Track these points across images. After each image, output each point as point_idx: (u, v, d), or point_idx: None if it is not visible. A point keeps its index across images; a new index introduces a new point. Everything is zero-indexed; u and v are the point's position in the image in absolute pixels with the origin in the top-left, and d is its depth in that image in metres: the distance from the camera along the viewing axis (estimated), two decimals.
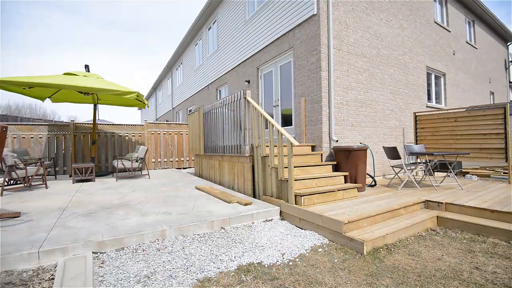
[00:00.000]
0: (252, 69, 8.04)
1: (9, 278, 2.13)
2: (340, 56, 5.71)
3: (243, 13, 8.56)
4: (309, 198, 3.69)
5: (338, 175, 4.53)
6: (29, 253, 2.32)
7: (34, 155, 7.61)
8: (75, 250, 2.48)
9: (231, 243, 2.85)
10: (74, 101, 8.03)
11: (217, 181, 6.16)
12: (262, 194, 4.42)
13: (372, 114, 6.37)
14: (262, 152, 4.40)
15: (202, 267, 2.34)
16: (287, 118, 6.62)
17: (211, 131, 6.31)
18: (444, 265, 2.45)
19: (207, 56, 11.74)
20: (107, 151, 8.73)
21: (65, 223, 3.12)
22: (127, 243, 2.71)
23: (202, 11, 11.10)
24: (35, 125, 7.86)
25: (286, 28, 6.40)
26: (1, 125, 2.82)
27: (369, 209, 3.44)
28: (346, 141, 5.75)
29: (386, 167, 6.57)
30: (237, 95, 4.96)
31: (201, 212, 3.56)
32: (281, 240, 2.96)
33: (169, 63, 17.73)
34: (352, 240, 2.80)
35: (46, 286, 2.03)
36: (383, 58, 6.66)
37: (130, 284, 2.06)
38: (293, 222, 3.56)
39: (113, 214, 3.52)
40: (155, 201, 4.28)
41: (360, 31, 6.13)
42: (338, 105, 5.64)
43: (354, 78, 5.99)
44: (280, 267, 2.38)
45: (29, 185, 5.45)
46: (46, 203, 4.18)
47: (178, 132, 9.89)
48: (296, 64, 6.11)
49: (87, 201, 4.29)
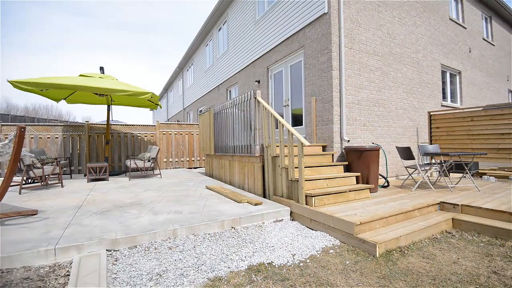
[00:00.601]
0: (262, 69, 8.04)
1: (27, 273, 2.20)
2: (352, 55, 5.64)
3: (253, 13, 8.57)
4: (320, 199, 3.65)
5: (350, 176, 4.47)
6: (46, 249, 2.40)
7: (50, 154, 7.85)
8: (90, 247, 2.55)
9: (241, 243, 2.85)
10: (88, 102, 8.24)
11: (228, 181, 6.19)
12: (272, 194, 4.41)
13: (385, 113, 6.25)
14: (272, 152, 4.39)
15: (213, 266, 2.35)
16: (298, 117, 6.59)
17: (221, 131, 6.35)
18: (460, 268, 2.38)
19: (217, 57, 11.82)
20: (120, 151, 8.91)
21: (80, 221, 3.21)
22: (140, 241, 2.76)
23: (212, 12, 11.17)
24: (51, 126, 8.11)
25: (297, 28, 6.37)
26: (19, 126, 2.92)
27: (381, 211, 3.38)
28: (358, 141, 5.66)
29: (400, 167, 6.44)
30: (247, 95, 4.96)
31: (211, 212, 3.58)
32: (291, 241, 2.95)
33: (180, 64, 17.95)
34: (364, 242, 2.75)
35: (62, 282, 2.09)
36: (396, 56, 6.52)
37: (143, 282, 2.10)
38: (304, 222, 3.54)
39: (126, 212, 3.59)
40: (167, 200, 4.34)
41: (372, 29, 6.03)
42: (350, 104, 5.57)
43: (366, 77, 5.89)
44: (290, 268, 2.37)
45: (45, 184, 5.62)
46: (62, 202, 4.31)
47: (189, 132, 10.00)
48: (307, 64, 6.07)
49: (101, 200, 4.39)
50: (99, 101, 8.07)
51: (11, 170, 2.98)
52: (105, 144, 8.07)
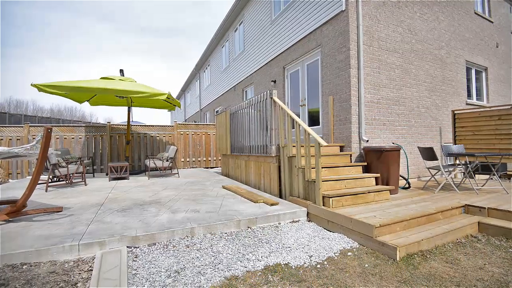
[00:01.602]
0: (278, 69, 8.01)
1: (53, 267, 2.31)
2: (371, 53, 5.50)
3: (269, 13, 8.56)
4: (338, 200, 3.59)
5: (369, 177, 4.36)
6: (70, 245, 2.50)
7: (74, 154, 8.20)
8: (111, 244, 2.64)
9: (257, 243, 2.85)
10: (109, 104, 8.54)
11: (243, 181, 6.21)
12: (288, 195, 4.38)
13: (406, 112, 6.05)
14: (288, 152, 4.36)
15: (229, 265, 2.37)
16: (314, 117, 6.51)
17: (237, 132, 6.38)
18: (486, 275, 2.26)
19: (233, 57, 11.90)
20: (140, 151, 9.18)
21: (102, 218, 3.33)
22: (159, 239, 2.82)
23: (228, 13, 11.27)
24: (76, 127, 8.48)
25: (313, 26, 6.29)
26: (46, 127, 3.07)
27: (402, 213, 3.27)
28: (377, 141, 5.52)
29: (421, 168, 6.21)
30: (263, 95, 4.96)
31: (228, 211, 3.61)
32: (308, 242, 2.91)
33: (197, 66, 18.23)
34: (384, 245, 2.67)
35: (85, 277, 2.17)
36: (417, 53, 6.29)
37: (161, 279, 2.15)
38: (321, 224, 3.49)
39: (145, 210, 3.69)
40: (185, 199, 4.42)
41: (392, 26, 5.86)
42: (369, 103, 5.43)
43: (386, 75, 5.73)
44: (307, 270, 2.34)
45: (70, 182, 5.88)
46: (85, 199, 4.49)
47: (206, 133, 10.13)
48: (324, 62, 5.98)
49: (122, 198, 4.54)
50: (120, 102, 8.34)
51: (39, 169, 3.14)
52: (126, 144, 8.33)
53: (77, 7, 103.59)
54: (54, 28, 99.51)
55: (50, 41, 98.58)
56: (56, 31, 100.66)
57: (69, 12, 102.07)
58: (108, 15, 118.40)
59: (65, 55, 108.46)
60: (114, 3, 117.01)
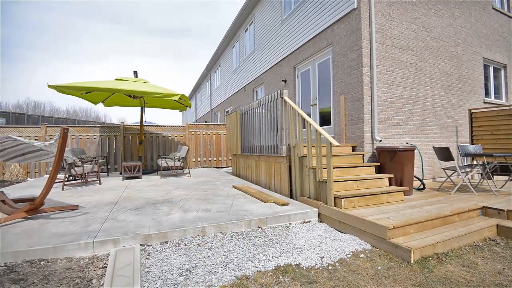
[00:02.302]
0: (289, 68, 7.97)
1: (69, 264, 2.38)
2: (384, 51, 5.39)
3: (279, 12, 8.53)
4: (350, 201, 3.54)
5: (382, 177, 4.28)
6: (86, 242, 2.57)
7: (89, 154, 8.42)
8: (125, 241, 2.69)
9: (268, 243, 2.85)
10: (123, 104, 8.72)
11: (254, 181, 6.22)
12: (299, 195, 4.35)
13: (421, 111, 5.90)
14: (299, 152, 4.33)
15: (240, 265, 2.37)
16: (326, 117, 6.44)
17: (248, 132, 6.39)
18: (506, 280, 2.18)
19: (244, 57, 11.93)
20: (152, 151, 9.34)
21: (116, 216, 3.40)
22: (171, 238, 2.86)
23: (239, 14, 11.31)
24: (90, 127, 8.71)
25: (324, 25, 6.23)
26: (63, 127, 3.16)
27: (416, 215, 3.19)
28: (390, 141, 5.41)
29: (437, 169, 6.04)
30: (274, 95, 4.95)
31: (239, 211, 3.62)
32: (319, 243, 2.89)
33: (208, 66, 18.38)
34: (397, 247, 2.62)
35: (100, 273, 2.23)
36: (432, 50, 6.13)
37: (173, 277, 2.17)
38: (332, 225, 3.45)
39: (158, 209, 3.75)
40: (196, 198, 4.46)
41: (406, 23, 5.73)
42: (382, 102, 5.33)
43: (400, 73, 5.61)
44: (318, 271, 2.32)
45: (85, 181, 6.04)
46: (100, 198, 4.60)
47: (216, 133, 10.20)
48: (335, 61, 5.92)
49: (135, 197, 4.62)
50: (133, 103, 8.50)
51: (56, 168, 3.24)
52: (139, 144, 8.49)
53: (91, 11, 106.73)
54: (68, 32, 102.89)
55: (63, 44, 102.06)
56: (69, 34, 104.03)
57: (82, 16, 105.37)
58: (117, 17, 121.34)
59: (77, 57, 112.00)
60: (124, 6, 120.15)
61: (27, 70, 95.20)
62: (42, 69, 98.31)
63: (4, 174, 7.67)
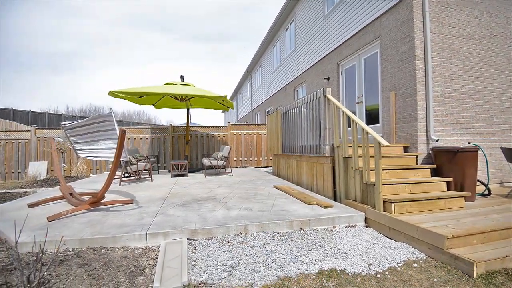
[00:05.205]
0: (332, 65, 7.70)
1: (125, 253, 2.60)
2: (440, 41, 4.89)
3: (321, 8, 8.29)
4: (401, 206, 3.27)
5: (439, 181, 3.88)
6: (140, 234, 2.79)
7: (142, 153, 9.16)
8: (174, 235, 2.86)
9: (311, 246, 2.77)
10: (170, 107, 9.31)
11: (295, 181, 6.13)
12: (344, 198, 4.17)
13: (485, 107, 5.22)
14: (344, 152, 4.15)
15: (282, 266, 2.35)
16: (373, 115, 6.07)
17: (289, 131, 6.33)
18: None
19: (284, 57, 11.86)
20: (197, 150, 9.81)
21: (166, 211, 3.63)
22: (215, 234, 2.96)
23: (279, 13, 11.27)
24: (143, 128, 9.46)
25: (371, 17, 5.88)
26: (121, 129, 3.48)
27: (481, 223, 2.82)
28: (449, 140, 4.88)
29: (505, 172, 5.28)
30: (316, 94, 4.82)
31: (280, 211, 3.60)
32: (366, 249, 2.72)
33: (249, 68, 18.67)
34: (457, 259, 2.34)
35: (151, 263, 2.39)
36: (498, 38, 5.37)
37: (218, 272, 2.24)
38: (381, 230, 3.23)
39: (203, 206, 3.91)
40: (238, 197, 4.55)
41: (466, 9, 5.11)
42: (438, 98, 4.84)
43: (459, 65, 5.03)
44: (366, 278, 2.18)
45: (139, 177, 6.58)
46: (151, 193, 4.97)
47: (257, 133, 10.30)
48: (384, 55, 5.54)
49: (182, 193, 4.89)
50: (179, 105, 9.03)
51: (115, 165, 3.58)
52: (185, 144, 8.99)
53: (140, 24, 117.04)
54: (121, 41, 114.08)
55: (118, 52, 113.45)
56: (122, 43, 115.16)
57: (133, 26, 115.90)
58: (165, 27, 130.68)
59: (131, 63, 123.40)
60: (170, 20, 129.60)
61: (88, 78, 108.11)
62: (101, 77, 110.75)
63: (72, 170, 8.74)
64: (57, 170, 4.73)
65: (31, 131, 8.75)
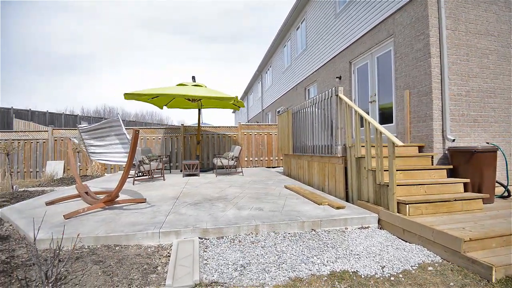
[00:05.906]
0: (344, 64, 7.60)
1: (139, 250, 2.65)
2: (456, 38, 4.74)
3: (333, 6, 8.20)
4: (416, 207, 3.19)
5: (455, 182, 3.76)
6: (152, 232, 2.84)
7: (155, 152, 9.31)
8: (185, 234, 2.89)
9: (322, 247, 2.74)
10: (182, 107, 9.43)
11: (306, 181, 6.08)
12: (356, 198, 4.10)
13: (504, 106, 5.02)
14: (356, 152, 4.08)
15: (293, 266, 2.34)
16: (386, 114, 5.95)
17: (300, 131, 6.29)
18: None
19: (295, 56, 11.79)
20: (208, 150, 9.89)
21: (178, 210, 3.68)
22: (226, 233, 2.97)
23: (290, 12, 11.21)
24: (156, 128, 9.62)
25: (384, 15, 5.77)
26: (134, 129, 3.54)
27: (500, 226, 2.72)
28: (466, 140, 4.73)
29: None
30: (328, 93, 4.77)
31: (291, 212, 3.58)
32: (379, 251, 2.67)
33: (259, 68, 18.66)
34: (474, 262, 2.27)
35: (164, 261, 2.43)
36: None
37: (229, 271, 2.25)
38: (395, 232, 3.16)
39: (214, 205, 3.94)
40: (249, 196, 4.56)
41: (484, 4, 4.93)
42: (455, 97, 4.69)
43: (477, 62, 4.86)
44: (379, 281, 2.14)
45: (151, 177, 6.69)
46: (164, 192, 5.04)
47: (268, 133, 10.29)
48: (398, 53, 5.42)
49: (193, 193, 4.94)
50: (191, 105, 9.13)
51: (129, 165, 3.65)
52: (196, 144, 9.07)
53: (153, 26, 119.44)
54: (134, 42, 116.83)
55: (128, 53, 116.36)
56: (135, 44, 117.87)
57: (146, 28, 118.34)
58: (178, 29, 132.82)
59: (145, 65, 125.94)
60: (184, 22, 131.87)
61: (103, 79, 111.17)
62: (115, 79, 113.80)
63: (87, 170, 8.98)
64: (73, 169, 4.87)
65: (49, 131, 9.05)
